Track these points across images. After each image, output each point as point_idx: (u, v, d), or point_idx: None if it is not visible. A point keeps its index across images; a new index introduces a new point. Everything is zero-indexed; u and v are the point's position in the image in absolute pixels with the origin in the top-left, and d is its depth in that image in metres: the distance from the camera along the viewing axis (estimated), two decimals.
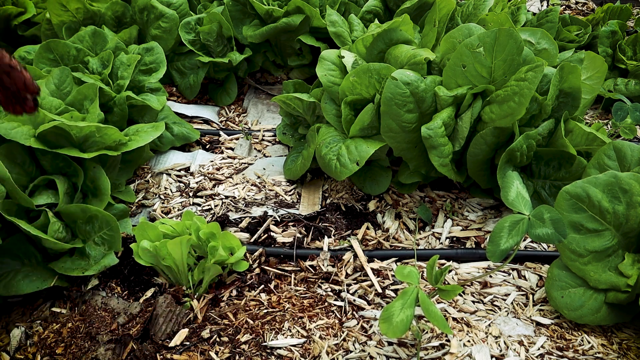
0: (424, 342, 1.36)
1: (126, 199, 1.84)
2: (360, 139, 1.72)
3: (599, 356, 1.33)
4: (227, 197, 1.91)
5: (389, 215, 1.82)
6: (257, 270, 1.60)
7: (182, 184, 1.98)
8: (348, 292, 1.53)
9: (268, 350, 1.35)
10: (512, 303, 1.50)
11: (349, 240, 1.70)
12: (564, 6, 3.90)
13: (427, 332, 1.39)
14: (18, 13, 2.59)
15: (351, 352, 1.34)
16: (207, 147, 2.24)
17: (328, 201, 1.89)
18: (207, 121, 2.45)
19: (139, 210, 1.86)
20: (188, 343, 1.36)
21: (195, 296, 1.48)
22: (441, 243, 1.72)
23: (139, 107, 2.07)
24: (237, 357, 1.32)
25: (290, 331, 1.40)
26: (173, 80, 2.60)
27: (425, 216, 1.80)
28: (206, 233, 1.44)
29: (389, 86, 1.56)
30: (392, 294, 1.53)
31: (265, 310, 1.46)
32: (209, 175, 2.02)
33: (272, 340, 1.37)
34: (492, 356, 1.33)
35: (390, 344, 1.36)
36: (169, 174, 2.03)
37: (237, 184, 1.98)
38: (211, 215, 1.81)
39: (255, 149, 2.24)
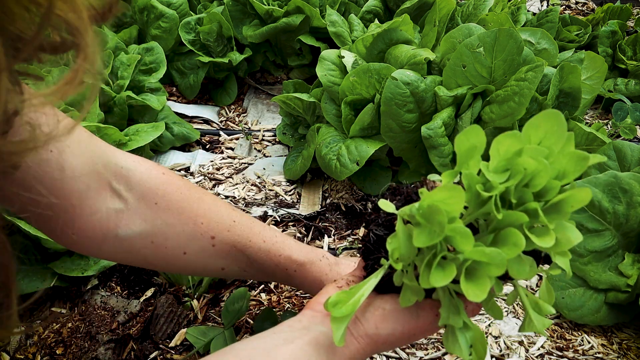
0: (424, 342, 1.36)
1: None
2: (360, 139, 1.72)
3: (599, 356, 1.33)
4: (227, 197, 1.90)
5: None
6: None
7: None
8: None
9: None
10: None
11: (349, 240, 1.70)
12: (564, 6, 3.90)
13: None
14: None
15: None
16: (207, 147, 2.24)
17: (328, 201, 1.89)
18: (207, 121, 2.45)
19: None
20: (188, 343, 1.36)
21: (195, 296, 1.48)
22: None
23: (139, 107, 2.07)
24: None
25: None
26: (173, 80, 2.60)
27: None
28: None
29: (389, 86, 1.56)
30: None
31: None
32: (209, 175, 2.02)
33: None
34: (492, 356, 1.33)
35: None
36: None
37: (237, 184, 1.98)
38: None
39: (255, 149, 2.24)
